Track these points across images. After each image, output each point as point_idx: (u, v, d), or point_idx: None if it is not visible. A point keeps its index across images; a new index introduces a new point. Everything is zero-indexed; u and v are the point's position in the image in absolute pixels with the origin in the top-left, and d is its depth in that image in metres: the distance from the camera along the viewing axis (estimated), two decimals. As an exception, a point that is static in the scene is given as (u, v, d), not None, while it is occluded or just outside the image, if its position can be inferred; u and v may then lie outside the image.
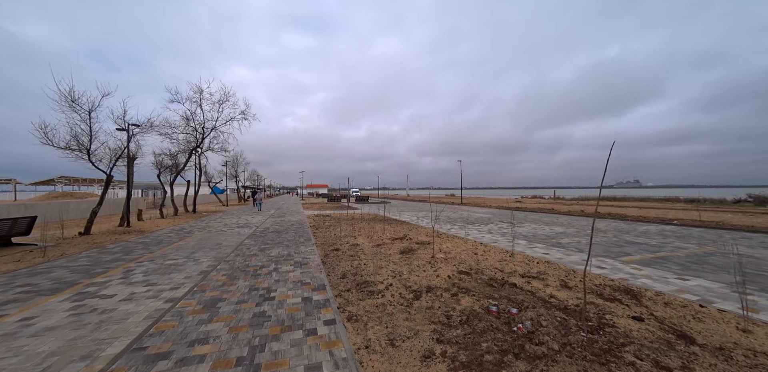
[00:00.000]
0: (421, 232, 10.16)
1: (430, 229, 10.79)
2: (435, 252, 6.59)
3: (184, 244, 7.89)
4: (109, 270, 5.25)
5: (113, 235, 9.30)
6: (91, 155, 8.93)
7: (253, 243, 7.95)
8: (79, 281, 4.58)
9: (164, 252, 6.82)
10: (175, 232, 10.16)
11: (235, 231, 10.30)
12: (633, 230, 10.81)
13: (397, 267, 5.49)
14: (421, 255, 6.45)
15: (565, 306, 3.66)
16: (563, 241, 8.58)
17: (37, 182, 44.54)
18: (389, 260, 6.00)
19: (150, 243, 8.00)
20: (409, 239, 8.50)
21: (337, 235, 9.31)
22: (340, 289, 4.33)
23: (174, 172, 15.54)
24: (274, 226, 11.75)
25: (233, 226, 11.58)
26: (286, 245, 7.58)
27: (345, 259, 6.08)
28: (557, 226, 12.29)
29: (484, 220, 14.22)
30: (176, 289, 4.24)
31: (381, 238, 8.77)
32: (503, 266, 5.56)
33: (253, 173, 48.15)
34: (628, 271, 5.24)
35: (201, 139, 15.45)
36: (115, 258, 6.19)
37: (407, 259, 6.13)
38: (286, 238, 8.63)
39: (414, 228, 11.12)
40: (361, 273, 5.10)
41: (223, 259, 6.06)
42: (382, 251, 6.87)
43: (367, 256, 6.33)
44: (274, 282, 4.56)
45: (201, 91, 14.27)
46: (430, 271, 5.18)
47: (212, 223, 12.98)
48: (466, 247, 7.31)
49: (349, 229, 10.47)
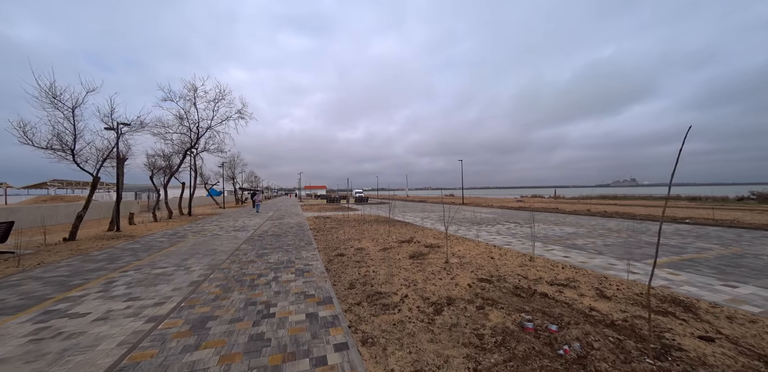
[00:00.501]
0: (428, 234, 9.65)
1: (437, 231, 10.29)
2: (448, 256, 6.09)
3: (175, 250, 7.33)
4: (88, 281, 4.70)
5: (100, 240, 8.71)
6: (76, 156, 8.35)
7: (251, 248, 7.41)
8: (50, 296, 4.03)
9: (153, 259, 6.26)
10: (167, 236, 9.58)
11: (231, 235, 9.74)
12: (647, 230, 10.37)
13: (409, 274, 4.98)
14: (434, 260, 5.94)
15: (612, 321, 3.16)
16: (578, 243, 8.11)
17: (30, 186, 43.61)
18: (399, 266, 5.48)
19: (139, 249, 7.43)
20: (417, 242, 7.99)
21: (340, 238, 8.78)
22: (350, 302, 3.80)
23: (168, 174, 14.94)
24: (272, 229, 11.20)
25: (230, 230, 11.01)
26: (286, 250, 7.05)
27: (351, 266, 5.56)
28: (566, 226, 11.83)
29: (490, 221, 13.74)
30: (161, 304, 3.70)
31: (387, 241, 8.25)
32: (526, 272, 5.06)
33: (250, 175, 47.49)
34: (663, 277, 4.76)
35: (196, 139, 14.86)
36: (98, 267, 5.63)
37: (419, 264, 5.61)
38: (285, 243, 8.09)
39: (420, 230, 10.62)
40: (370, 282, 4.58)
41: (217, 267, 5.52)
42: (391, 256, 6.35)
43: (375, 262, 5.81)
44: (273, 294, 4.03)
45: (195, 89, 13.71)
46: (447, 279, 4.68)
47: (208, 226, 12.40)
48: (480, 251, 6.81)
49: (352, 232, 9.95)
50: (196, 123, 14.51)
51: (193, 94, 13.68)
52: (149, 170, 13.93)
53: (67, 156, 8.18)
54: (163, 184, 15.14)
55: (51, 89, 7.58)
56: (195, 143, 14.92)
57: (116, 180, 10.33)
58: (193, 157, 19.47)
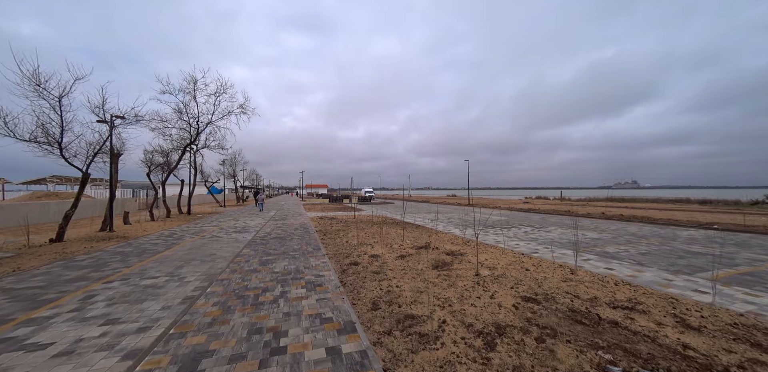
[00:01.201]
0: (444, 238, 8.94)
1: (452, 235, 9.58)
2: (478, 268, 5.37)
3: (170, 254, 6.63)
4: (63, 296, 4.00)
5: (90, 242, 8.03)
6: (64, 150, 7.65)
7: (253, 253, 6.71)
8: (11, 316, 3.33)
9: (144, 266, 5.56)
10: (163, 238, 8.89)
11: (231, 237, 9.05)
12: (676, 236, 9.64)
13: (439, 290, 4.27)
14: (461, 271, 5.23)
15: (725, 367, 2.45)
16: (609, 250, 7.39)
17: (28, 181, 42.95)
18: (425, 280, 4.77)
19: (130, 253, 6.74)
20: (435, 248, 7.28)
21: (350, 242, 8.07)
22: (377, 329, 3.10)
23: (166, 171, 14.25)
24: (275, 230, 10.50)
25: (230, 231, 10.32)
26: (292, 256, 6.35)
27: (369, 278, 4.85)
28: (586, 230, 11.10)
29: (503, 224, 13.02)
30: (145, 330, 3.00)
31: (401, 246, 7.54)
32: (574, 289, 4.34)
33: (251, 173, 46.82)
34: (742, 299, 4.03)
35: (195, 134, 14.16)
36: (80, 276, 4.93)
37: (446, 277, 4.90)
38: (291, 247, 7.39)
39: (433, 233, 9.91)
40: (396, 300, 3.87)
41: (216, 278, 4.82)
42: (411, 266, 5.64)
43: (396, 274, 5.11)
44: (282, 317, 3.32)
45: (195, 81, 12.99)
46: (486, 298, 3.96)
47: (207, 226, 11.71)
48: (510, 260, 6.09)
49: (363, 235, 9.24)
50: (196, 117, 13.82)
51: (193, 87, 12.98)
52: (146, 167, 13.26)
53: (53, 150, 7.48)
54: (161, 181, 14.46)
55: (35, 76, 6.90)
56: (195, 139, 14.22)
57: (110, 176, 9.65)
58: (192, 153, 18.79)
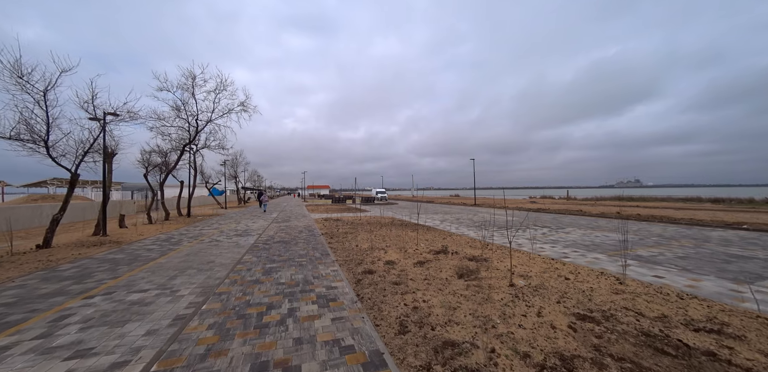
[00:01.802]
0: (460, 241, 8.30)
1: (468, 238, 8.94)
2: (508, 275, 4.73)
3: (164, 262, 6.03)
4: (32, 316, 3.39)
5: (79, 248, 7.44)
6: (51, 149, 7.09)
7: (255, 260, 6.10)
8: (-38, 346, 2.73)
9: (133, 277, 4.96)
10: (159, 242, 8.30)
11: (232, 241, 8.44)
12: (707, 237, 8.97)
13: (474, 306, 3.63)
14: (492, 281, 4.60)
15: None
16: (643, 254, 6.74)
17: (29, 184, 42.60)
18: (454, 291, 4.14)
19: (120, 261, 6.14)
20: (454, 253, 6.64)
21: (361, 247, 7.45)
22: (412, 362, 2.47)
23: (164, 171, 13.68)
24: (279, 233, 9.90)
25: (231, 234, 9.72)
26: (298, 264, 5.73)
27: (389, 290, 4.22)
28: (607, 231, 10.44)
29: (516, 224, 12.35)
30: (121, 366, 2.39)
31: (417, 251, 6.91)
32: (633, 304, 3.70)
33: (253, 174, 46.35)
34: (837, 314, 3.38)
35: (195, 133, 13.59)
36: (58, 289, 4.33)
37: (477, 288, 4.27)
38: (296, 253, 6.77)
39: (447, 236, 9.27)
40: (427, 320, 3.24)
41: (213, 291, 4.20)
42: (433, 274, 5.01)
43: (419, 284, 4.47)
44: (292, 346, 2.70)
45: (194, 77, 12.41)
46: (533, 316, 3.33)
47: (207, 229, 11.13)
48: (543, 267, 5.45)
49: (372, 238, 8.61)
50: (195, 115, 13.25)
51: (191, 83, 12.41)
52: (143, 167, 12.68)
53: (39, 148, 6.91)
54: (159, 182, 13.90)
55: (16, 67, 6.33)
56: (194, 138, 13.65)
57: (103, 178, 9.08)
58: (192, 153, 18.25)
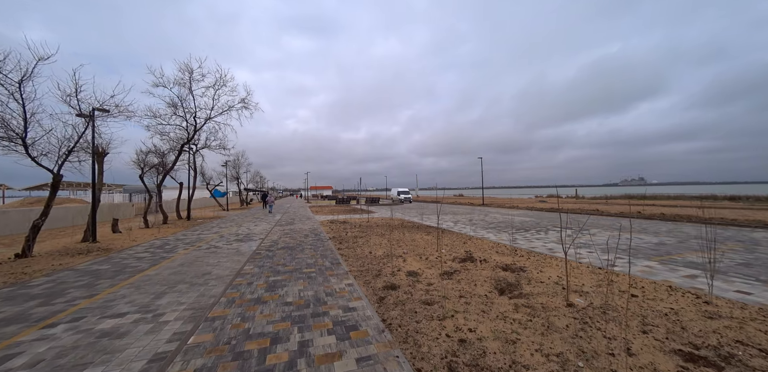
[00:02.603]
0: (484, 246, 7.47)
1: (491, 242, 8.10)
2: (558, 290, 3.90)
3: (153, 274, 5.27)
4: (-31, 356, 2.63)
5: (63, 257, 6.71)
6: (30, 147, 6.37)
7: (257, 271, 5.32)
8: None
9: (113, 295, 4.20)
10: (152, 250, 7.55)
11: (233, 247, 7.68)
12: (754, 240, 8.09)
13: (538, 338, 2.82)
14: (543, 298, 3.78)
15: None
16: (694, 260, 5.88)
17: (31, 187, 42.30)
18: (502, 314, 3.33)
19: (103, 273, 5.38)
20: (483, 261, 5.82)
21: (375, 253, 6.65)
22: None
23: (161, 173, 12.96)
24: (283, 238, 9.13)
25: (231, 240, 8.97)
26: (307, 276, 4.94)
27: (422, 313, 3.42)
28: (637, 232, 9.56)
29: (534, 226, 11.49)
30: None
31: (439, 258, 6.11)
32: (747, 336, 2.86)
33: (255, 175, 45.77)
34: None
35: (193, 131, 12.87)
36: (18, 314, 3.57)
37: (528, 309, 3.45)
38: (304, 261, 5.99)
39: (467, 240, 8.44)
40: (484, 362, 2.44)
41: (205, 314, 3.43)
42: (467, 289, 4.20)
43: (455, 304, 3.66)
44: (308, 411, 1.91)
45: (191, 72, 11.68)
46: (622, 356, 2.50)
47: (206, 234, 10.39)
48: (593, 278, 4.61)
49: (385, 243, 7.81)
50: (193, 113, 12.52)
51: (188, 78, 11.68)
52: (139, 168, 11.98)
53: (15, 146, 6.20)
54: (156, 184, 13.19)
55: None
56: (192, 137, 12.93)
57: (92, 179, 8.36)
58: (192, 154, 17.58)
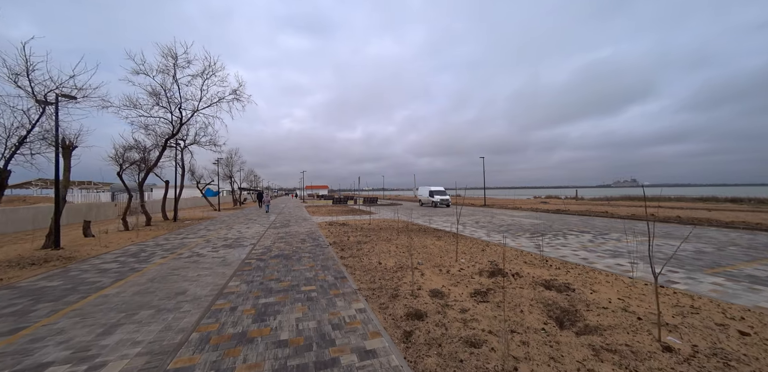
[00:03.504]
0: (506, 254, 6.55)
1: (512, 248, 7.19)
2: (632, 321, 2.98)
3: (113, 294, 4.22)
4: None
5: (10, 268, 5.58)
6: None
7: (245, 289, 4.31)
8: None
9: (44, 329, 3.15)
10: (123, 258, 6.48)
11: (218, 255, 6.65)
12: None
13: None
14: (624, 337, 2.85)
15: None
16: (751, 273, 5.03)
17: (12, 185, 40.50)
18: (586, 369, 2.39)
19: (48, 293, 4.31)
20: (515, 275, 4.89)
21: (385, 264, 5.68)
22: None
23: (143, 170, 11.77)
24: (277, 243, 8.11)
25: (218, 245, 7.92)
26: (306, 297, 3.95)
27: (471, 364, 2.44)
28: (664, 238, 8.73)
29: (548, 229, 10.61)
30: None
31: (462, 271, 5.16)
32: None
33: (249, 173, 44.40)
34: None
35: (179, 124, 11.73)
36: None
37: (613, 355, 2.52)
38: (301, 275, 4.99)
39: (485, 246, 7.51)
40: None
41: (165, 365, 2.43)
42: (514, 318, 3.25)
43: (512, 346, 2.71)
44: None
45: (176, 57, 10.54)
46: None
47: (190, 237, 9.31)
48: (667, 303, 3.71)
49: (393, 250, 6.84)
50: (178, 104, 11.37)
51: (172, 64, 10.53)
52: (117, 165, 10.80)
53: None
54: (137, 182, 12.00)
55: None
56: (178, 131, 11.80)
57: (55, 176, 7.23)
58: (181, 150, 16.40)
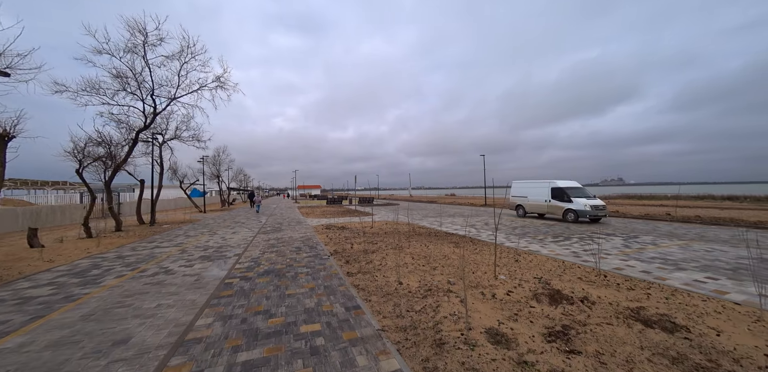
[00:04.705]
0: (547, 266, 5.38)
1: (545, 257, 6.04)
2: None
3: (10, 348, 2.86)
4: None
5: None
6: None
7: (218, 333, 3.00)
8: None
9: None
10: (63, 279, 5.03)
11: (192, 272, 5.27)
12: None
13: None
14: None
15: None
16: None
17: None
18: None
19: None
20: (584, 301, 3.72)
21: (408, 285, 4.42)
22: None
23: (110, 167, 10.15)
24: (267, 253, 6.77)
25: (195, 257, 6.53)
26: (308, 343, 2.68)
27: None
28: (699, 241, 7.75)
29: (564, 232, 9.58)
30: None
31: (509, 292, 3.97)
32: None
33: (238, 172, 42.46)
34: None
35: (153, 114, 10.18)
36: None
37: None
38: (300, 303, 3.70)
39: (515, 255, 6.34)
40: None
41: None
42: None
43: None
44: None
45: (145, 34, 8.95)
46: None
47: (164, 246, 7.86)
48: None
49: (409, 262, 5.60)
50: (150, 90, 9.79)
51: (141, 42, 8.93)
52: (76, 160, 9.16)
53: None
54: (104, 181, 10.35)
55: None
56: (151, 121, 10.25)
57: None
58: (159, 145, 14.77)
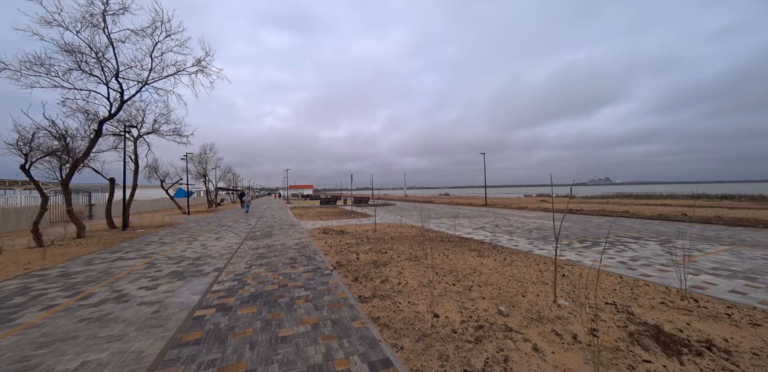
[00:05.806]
0: (604, 283, 4.30)
1: (587, 267, 4.97)
2: None
3: None
4: None
5: None
6: None
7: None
8: None
9: None
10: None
11: (152, 299, 3.96)
12: None
13: None
14: None
15: None
16: None
17: None
18: None
19: None
20: (710, 348, 2.62)
21: (445, 316, 3.24)
22: None
23: (66, 162, 8.57)
24: (255, 268, 5.48)
25: (163, 274, 5.19)
26: None
27: None
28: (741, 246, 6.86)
29: (582, 234, 8.58)
30: None
31: (593, 331, 2.84)
32: None
33: (227, 171, 40.51)
34: None
35: (120, 101, 8.69)
36: None
37: None
38: (301, 356, 2.47)
39: (549, 264, 5.25)
40: None
41: None
42: None
43: None
44: None
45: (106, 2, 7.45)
46: None
47: (128, 257, 6.47)
48: None
49: (436, 279, 4.42)
50: (115, 71, 8.26)
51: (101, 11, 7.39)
52: (20, 154, 7.58)
53: None
54: (60, 179, 8.79)
55: None
56: (118, 109, 8.76)
57: None
58: (134, 140, 13.17)
